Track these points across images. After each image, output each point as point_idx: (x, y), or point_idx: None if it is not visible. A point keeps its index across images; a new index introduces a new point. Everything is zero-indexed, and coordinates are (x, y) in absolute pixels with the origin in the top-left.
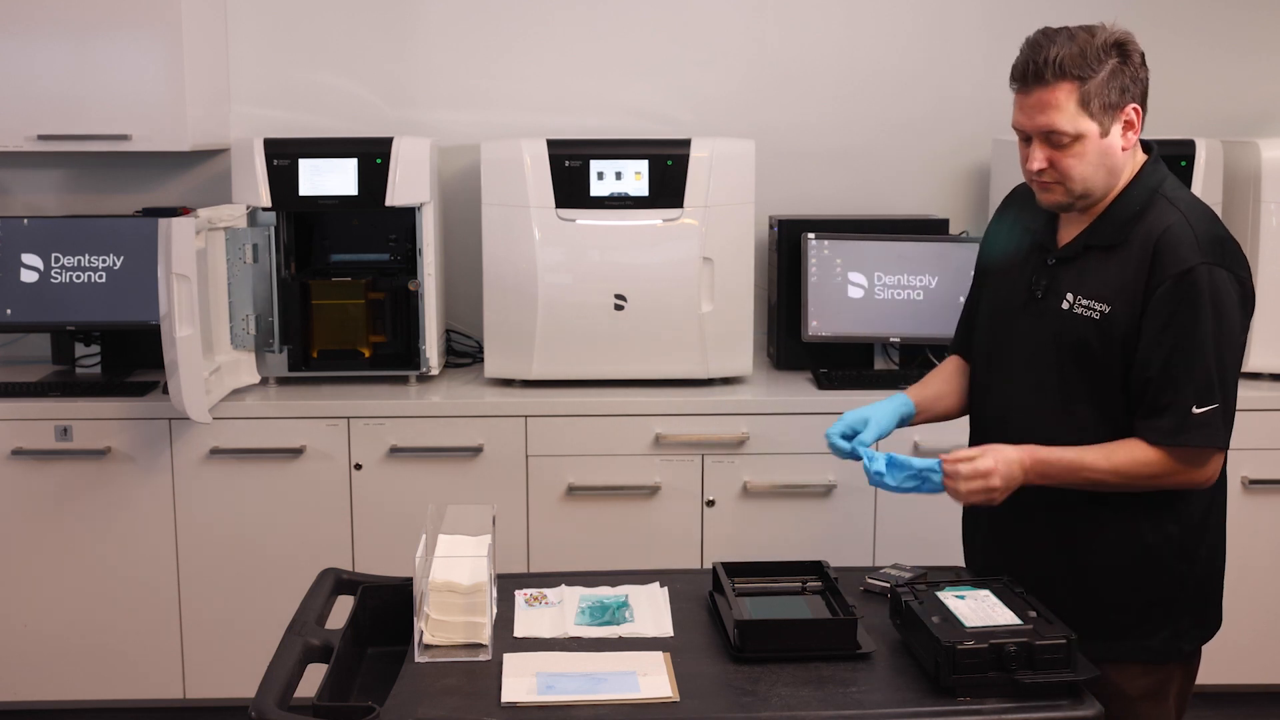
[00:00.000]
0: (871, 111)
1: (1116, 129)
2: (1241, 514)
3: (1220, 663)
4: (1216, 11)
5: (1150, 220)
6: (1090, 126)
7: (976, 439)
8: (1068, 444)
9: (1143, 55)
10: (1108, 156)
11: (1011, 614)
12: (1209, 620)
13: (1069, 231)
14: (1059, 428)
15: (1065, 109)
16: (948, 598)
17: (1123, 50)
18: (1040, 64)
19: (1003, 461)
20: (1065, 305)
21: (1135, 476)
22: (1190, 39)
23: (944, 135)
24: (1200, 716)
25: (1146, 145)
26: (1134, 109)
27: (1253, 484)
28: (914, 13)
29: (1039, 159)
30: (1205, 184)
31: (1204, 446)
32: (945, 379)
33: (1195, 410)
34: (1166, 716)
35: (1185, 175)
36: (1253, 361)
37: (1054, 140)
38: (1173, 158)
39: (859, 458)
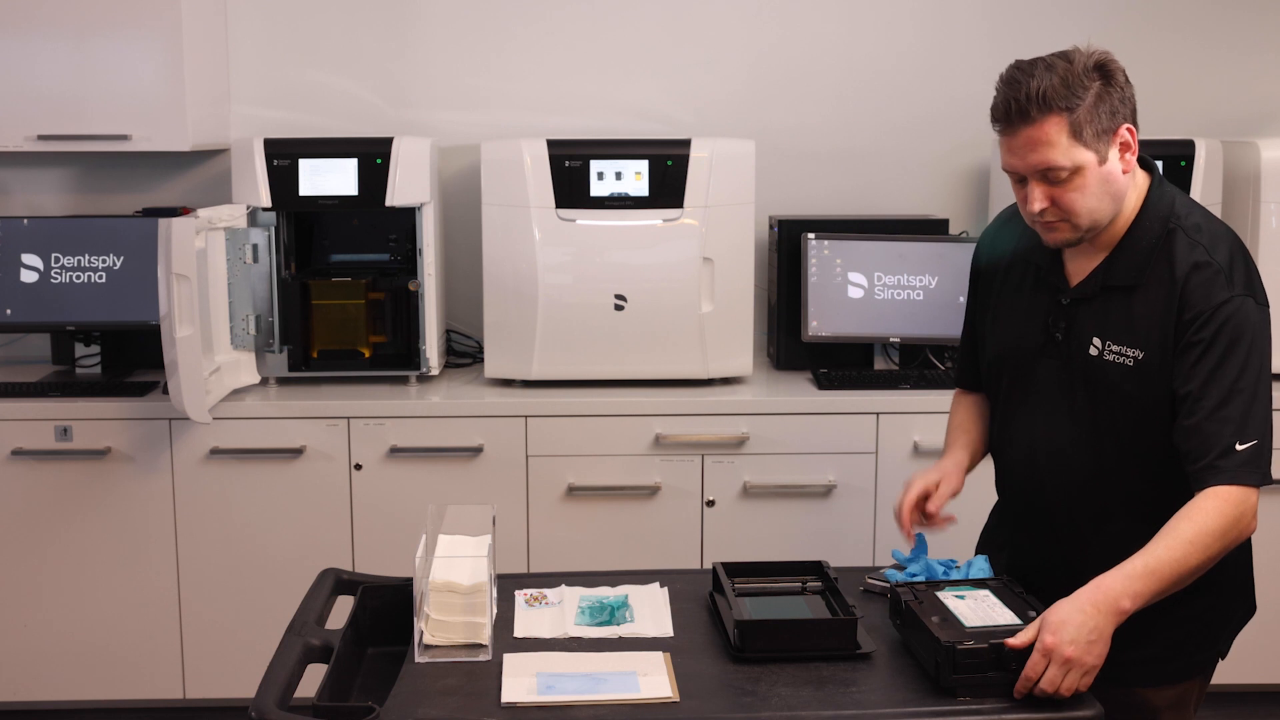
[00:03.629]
0: (871, 111)
1: (1114, 154)
2: None
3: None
4: (1216, 11)
5: (1171, 256)
6: (1087, 157)
7: (1005, 483)
8: (1101, 482)
9: (1125, 73)
10: (1110, 184)
11: (1011, 614)
12: (1241, 613)
13: (1079, 265)
14: (1091, 469)
15: (1058, 143)
16: (947, 598)
17: (1105, 71)
18: (1023, 100)
19: (1061, 627)
20: (1094, 351)
21: (1208, 545)
22: (1190, 39)
23: (944, 135)
24: (1200, 716)
25: (1146, 163)
26: (1128, 129)
27: None
28: (914, 13)
29: (1039, 199)
30: (1205, 184)
31: (1248, 485)
32: (973, 420)
33: (1239, 448)
34: None
35: (1185, 175)
36: None
37: (1051, 177)
38: (1173, 158)
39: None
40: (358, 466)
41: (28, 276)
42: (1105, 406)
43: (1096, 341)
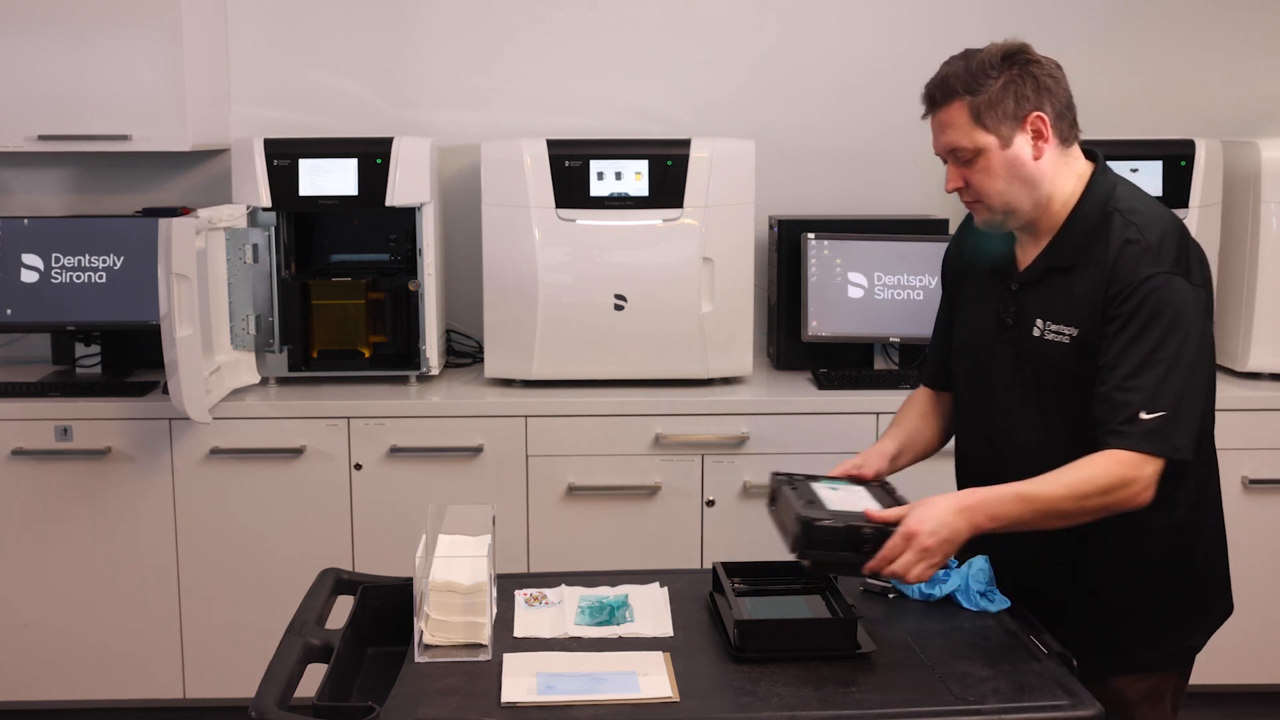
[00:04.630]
0: (871, 111)
1: (1022, 139)
2: (1241, 514)
3: (1220, 663)
4: (1216, 11)
5: (1106, 237)
6: (988, 140)
7: (963, 469)
8: (1054, 462)
9: (1052, 66)
10: (1018, 168)
11: (877, 506)
12: (1217, 610)
13: (1027, 252)
14: (1044, 451)
15: (960, 125)
16: (821, 487)
17: (1014, 59)
18: (933, 88)
19: (927, 518)
20: (1037, 332)
21: (1085, 494)
22: (1190, 39)
23: None
24: (1200, 716)
25: (1092, 154)
26: (1038, 117)
27: (1253, 484)
28: (914, 13)
29: (952, 178)
30: (1205, 184)
31: (1148, 453)
32: (916, 415)
33: (1143, 416)
34: (1165, 716)
35: (1185, 175)
36: (1253, 361)
37: (959, 157)
38: (1173, 158)
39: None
40: (358, 466)
41: (28, 276)
42: (1051, 386)
43: (1039, 323)
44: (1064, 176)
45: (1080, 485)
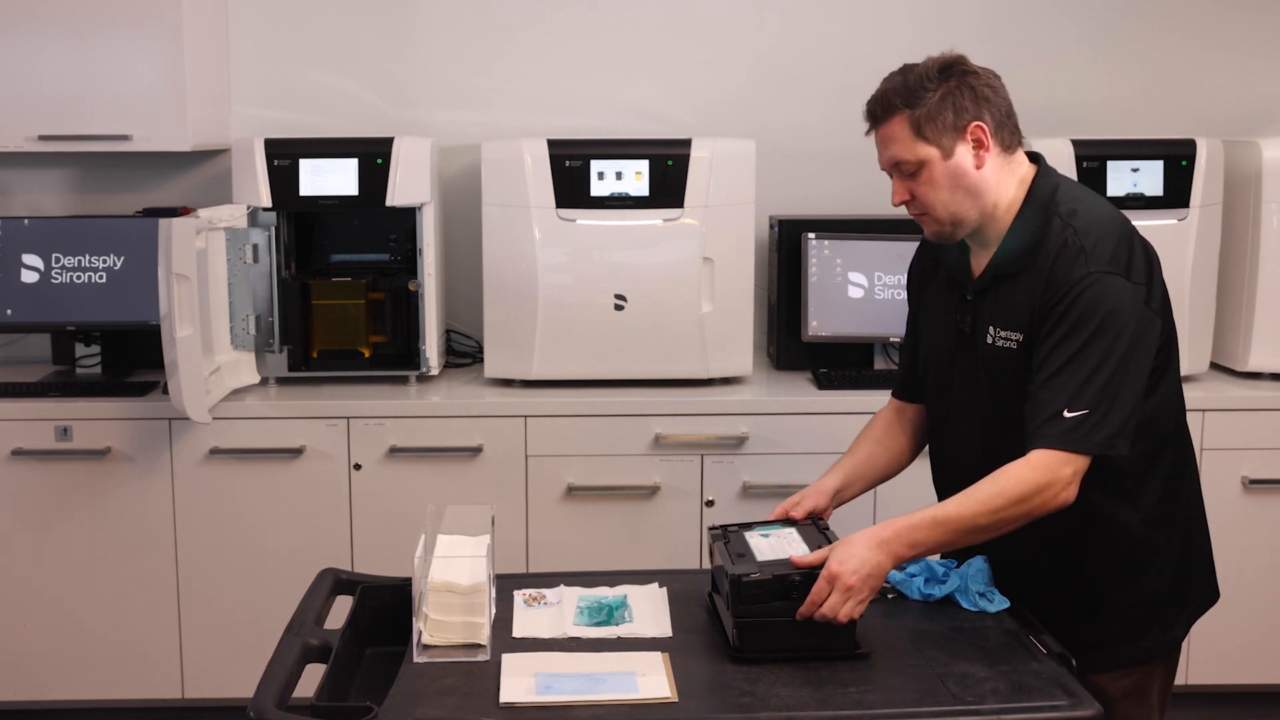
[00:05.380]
0: None
1: (963, 149)
2: (1241, 514)
3: (1220, 663)
4: (1216, 11)
5: (1047, 241)
6: (929, 151)
7: (938, 481)
8: None
9: (988, 76)
10: (961, 178)
11: (805, 549)
12: (1199, 600)
13: (979, 262)
14: (1006, 455)
15: (901, 139)
16: (753, 536)
17: (950, 71)
18: (873, 104)
19: (848, 558)
20: (989, 339)
21: (999, 507)
22: (1190, 39)
23: None
24: (1200, 716)
25: (1035, 156)
26: (978, 126)
27: (1253, 484)
28: (914, 13)
29: (897, 192)
30: (1206, 184)
31: (1066, 450)
32: (873, 441)
33: (1066, 414)
34: (1150, 713)
35: (1186, 175)
36: (1253, 361)
37: (903, 170)
38: (1173, 157)
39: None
40: (357, 466)
41: (28, 276)
42: (1005, 392)
43: (991, 329)
44: (1007, 183)
45: (993, 499)
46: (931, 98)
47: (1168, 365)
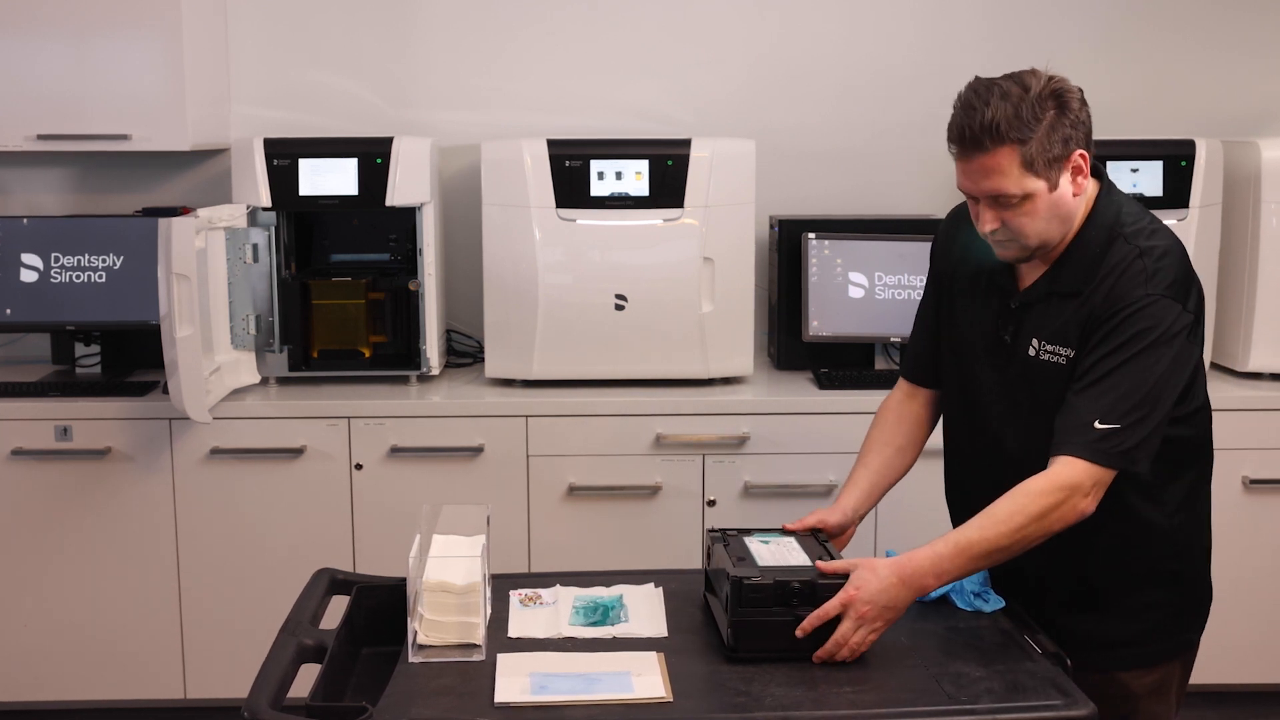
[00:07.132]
0: (871, 111)
1: (1064, 179)
2: (1241, 514)
3: (1220, 663)
4: (1216, 11)
5: (1111, 261)
6: (1037, 185)
7: (952, 465)
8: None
9: (1082, 96)
10: (1059, 207)
11: (805, 558)
12: (1207, 603)
13: (1029, 271)
14: (1031, 459)
15: (1009, 173)
16: (753, 542)
17: (1059, 99)
18: (977, 130)
19: (867, 584)
20: (1032, 351)
21: (1020, 526)
22: (1190, 39)
23: (944, 135)
24: (1200, 716)
25: (1096, 170)
26: (1080, 155)
27: (1253, 484)
28: (914, 13)
29: (989, 221)
30: (1205, 184)
31: (1090, 461)
32: (884, 444)
33: (1097, 425)
34: (1169, 710)
35: (1185, 175)
36: (1253, 361)
37: (1003, 202)
38: (1173, 158)
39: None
40: (358, 466)
41: (28, 276)
42: (1041, 404)
43: (1035, 342)
44: (1079, 203)
45: (1015, 518)
46: (1041, 129)
47: (1196, 380)
